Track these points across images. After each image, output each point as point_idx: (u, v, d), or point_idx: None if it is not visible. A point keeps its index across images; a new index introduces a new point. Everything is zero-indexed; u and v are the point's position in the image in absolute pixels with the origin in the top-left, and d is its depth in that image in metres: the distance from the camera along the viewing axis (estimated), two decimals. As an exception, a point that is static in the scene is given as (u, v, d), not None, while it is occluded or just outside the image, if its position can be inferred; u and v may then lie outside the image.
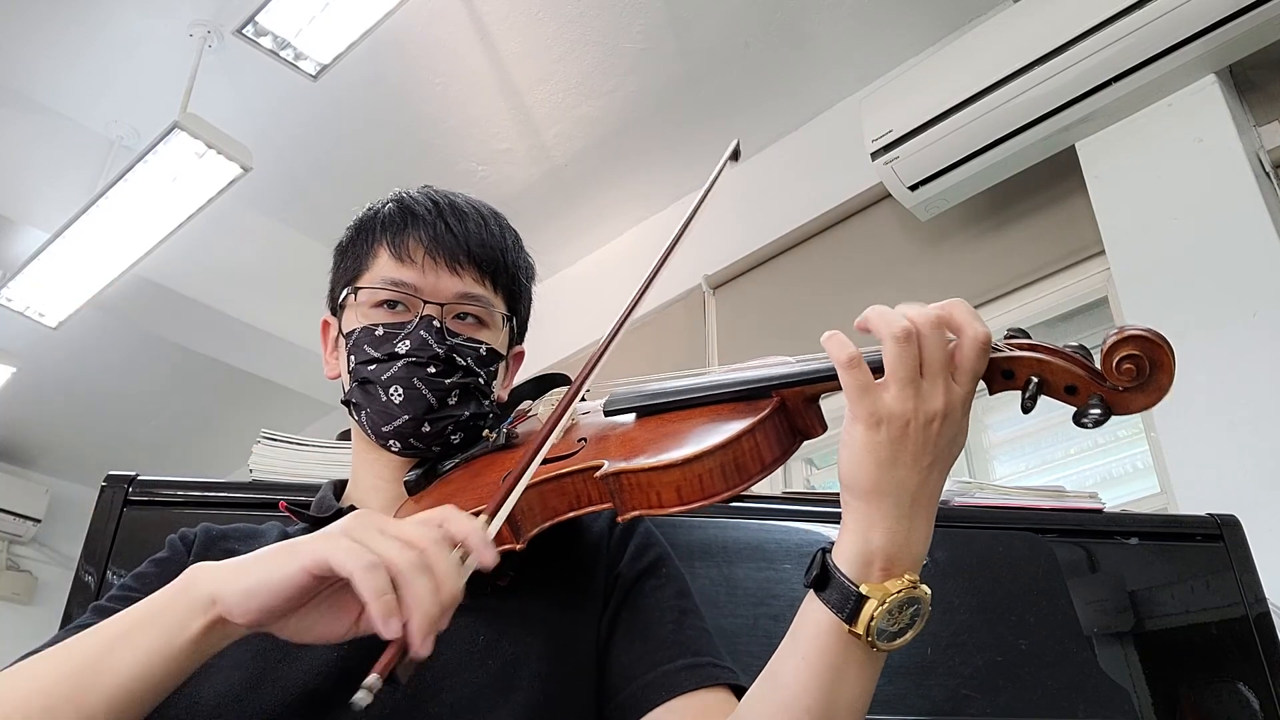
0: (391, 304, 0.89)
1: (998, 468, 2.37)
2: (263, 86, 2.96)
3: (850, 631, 0.62)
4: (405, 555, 0.58)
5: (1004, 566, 1.10)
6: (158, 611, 0.63)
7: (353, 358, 0.89)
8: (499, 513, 0.66)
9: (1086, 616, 1.09)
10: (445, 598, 0.57)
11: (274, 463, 1.21)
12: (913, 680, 1.01)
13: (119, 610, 0.80)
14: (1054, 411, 2.39)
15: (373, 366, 0.87)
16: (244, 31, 2.50)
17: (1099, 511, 1.17)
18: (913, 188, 2.41)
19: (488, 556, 0.60)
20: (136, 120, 3.10)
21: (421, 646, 0.56)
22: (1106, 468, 2.19)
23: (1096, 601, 1.10)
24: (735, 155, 0.88)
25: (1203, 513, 1.17)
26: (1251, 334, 1.86)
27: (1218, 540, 1.13)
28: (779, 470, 2.88)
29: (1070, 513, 1.16)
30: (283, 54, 2.56)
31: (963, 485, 1.21)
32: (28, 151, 3.14)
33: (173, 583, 0.63)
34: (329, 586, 0.61)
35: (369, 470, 0.92)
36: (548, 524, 0.76)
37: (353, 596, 0.58)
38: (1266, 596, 1.10)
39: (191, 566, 0.64)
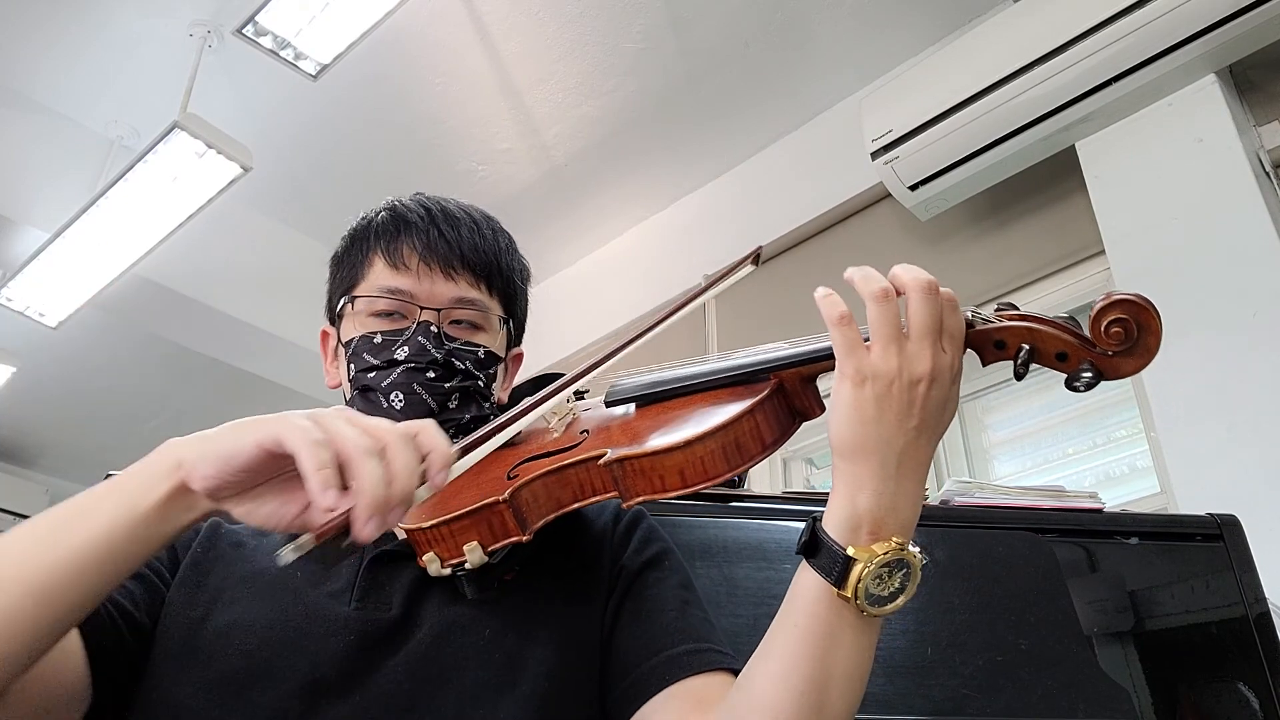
0: (388, 312, 0.90)
1: (998, 468, 2.37)
2: (263, 86, 2.96)
3: (840, 595, 0.63)
4: (360, 440, 0.57)
5: (1004, 566, 1.10)
6: (129, 476, 0.61)
7: (352, 366, 0.90)
8: (473, 450, 0.66)
9: (1086, 616, 1.09)
10: (396, 490, 0.56)
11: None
12: (913, 680, 1.01)
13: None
14: (1054, 411, 2.38)
15: (373, 374, 0.88)
16: (244, 31, 2.49)
17: (1099, 511, 1.17)
18: (913, 188, 2.41)
19: (440, 477, 0.59)
20: (136, 120, 3.10)
21: (364, 528, 0.55)
22: (1106, 468, 2.19)
23: (1096, 601, 1.10)
24: (756, 260, 0.87)
25: (1203, 513, 1.17)
26: (1251, 334, 1.86)
27: (1218, 540, 1.13)
28: (779, 471, 2.85)
29: (1070, 513, 1.16)
30: (283, 54, 2.56)
31: (963, 485, 1.21)
32: (28, 151, 3.14)
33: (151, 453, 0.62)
34: (284, 469, 0.59)
35: None
36: (553, 515, 0.77)
37: (302, 482, 0.57)
38: (1266, 596, 1.10)
39: (170, 441, 0.63)
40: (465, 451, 0.66)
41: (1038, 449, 2.32)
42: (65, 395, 4.45)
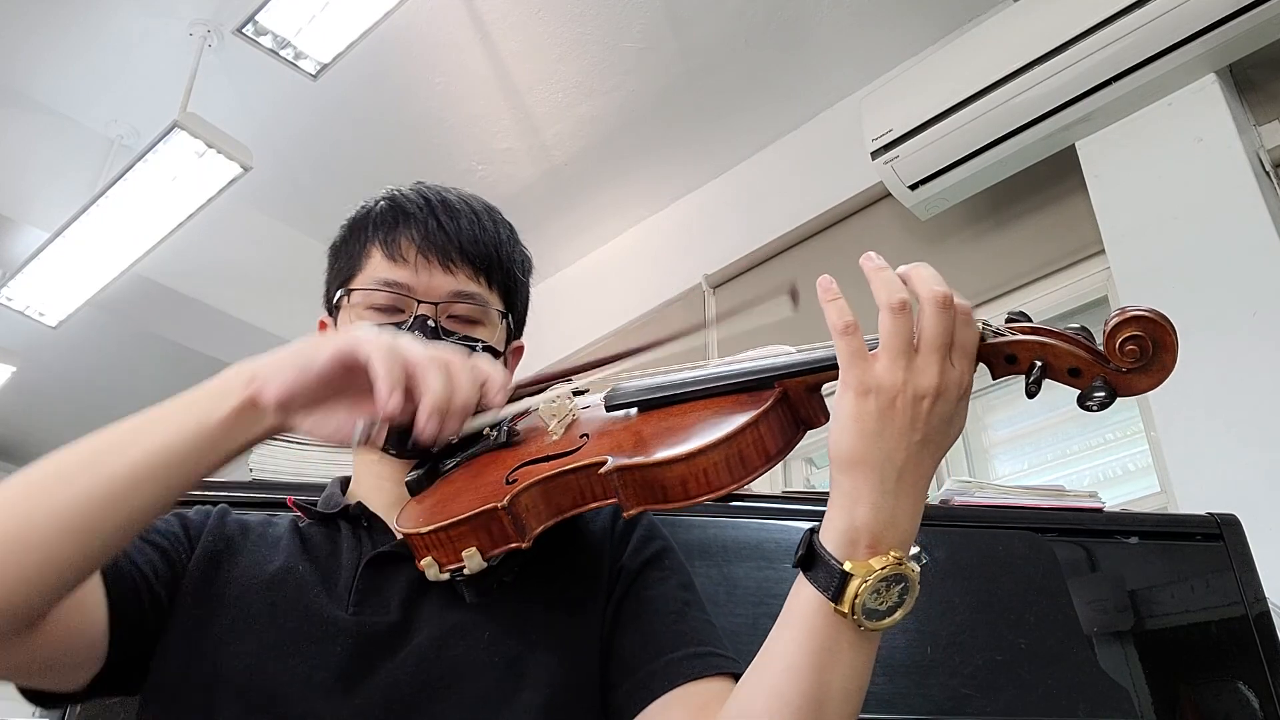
0: (385, 306, 0.88)
1: (998, 467, 2.37)
2: (263, 86, 2.96)
3: (837, 610, 0.61)
4: (428, 353, 0.65)
5: (1004, 566, 1.10)
6: (200, 390, 0.66)
7: None
8: (525, 392, 0.76)
9: (1086, 616, 1.09)
10: (458, 400, 0.65)
11: (274, 462, 1.21)
12: (913, 680, 1.01)
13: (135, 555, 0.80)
14: (1054, 411, 2.37)
15: None
16: (244, 31, 2.49)
17: (1099, 511, 1.17)
18: (913, 187, 2.41)
19: (498, 398, 0.70)
20: (136, 120, 3.10)
21: (425, 426, 0.63)
22: (1106, 467, 2.19)
23: (1096, 601, 1.10)
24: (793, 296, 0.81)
25: (1203, 512, 1.17)
26: (1251, 334, 1.86)
27: (1218, 540, 1.13)
28: (779, 470, 2.86)
29: (1070, 512, 1.16)
30: (282, 53, 2.56)
31: (963, 485, 1.21)
32: (28, 151, 3.14)
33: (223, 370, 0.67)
34: (353, 382, 0.66)
35: (369, 471, 0.92)
36: (553, 521, 0.75)
37: (371, 395, 0.63)
38: (1266, 596, 1.10)
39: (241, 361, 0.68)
40: (519, 388, 0.74)
41: (1038, 449, 2.32)
42: (65, 395, 4.46)
